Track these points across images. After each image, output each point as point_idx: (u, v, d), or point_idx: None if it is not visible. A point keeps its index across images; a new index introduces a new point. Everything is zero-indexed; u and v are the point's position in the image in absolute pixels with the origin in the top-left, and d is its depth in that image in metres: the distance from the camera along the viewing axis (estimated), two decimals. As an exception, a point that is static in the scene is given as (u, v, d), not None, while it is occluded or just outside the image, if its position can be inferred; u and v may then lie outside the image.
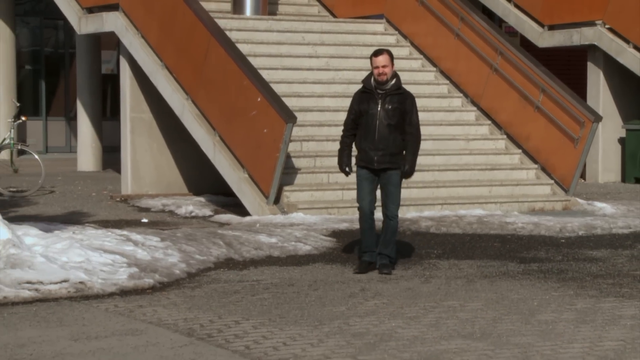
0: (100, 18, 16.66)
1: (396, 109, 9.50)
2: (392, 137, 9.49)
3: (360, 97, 9.64)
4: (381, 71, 9.49)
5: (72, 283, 8.64)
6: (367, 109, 9.50)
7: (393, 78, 9.61)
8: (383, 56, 9.54)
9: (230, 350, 6.75)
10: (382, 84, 9.53)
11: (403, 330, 7.33)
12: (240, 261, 10.30)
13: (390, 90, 9.55)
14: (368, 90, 9.61)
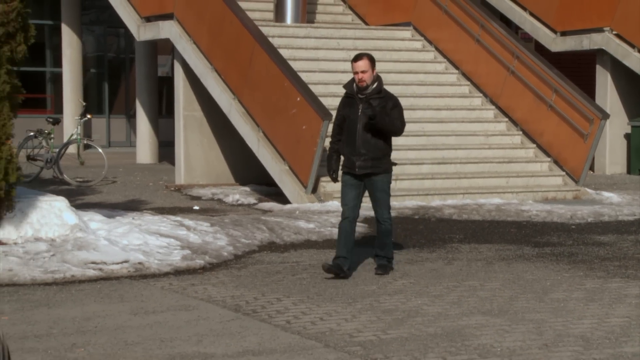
0: (156, 26, 16.72)
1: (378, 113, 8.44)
2: (374, 142, 8.48)
3: (344, 102, 8.65)
4: (360, 77, 8.43)
5: (131, 263, 8.69)
6: (349, 114, 8.51)
7: (374, 82, 8.50)
8: (362, 61, 8.46)
9: (273, 325, 6.77)
10: (363, 89, 8.46)
11: (428, 307, 7.31)
12: (282, 244, 10.32)
13: (370, 94, 8.46)
14: (350, 95, 8.58)
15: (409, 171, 14.38)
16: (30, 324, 6.69)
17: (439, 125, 15.54)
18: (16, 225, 9.27)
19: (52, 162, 16.26)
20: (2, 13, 8.98)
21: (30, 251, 8.71)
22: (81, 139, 17.25)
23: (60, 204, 9.66)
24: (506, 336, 6.44)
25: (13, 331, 6.33)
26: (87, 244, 9.02)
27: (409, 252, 9.92)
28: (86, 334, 6.44)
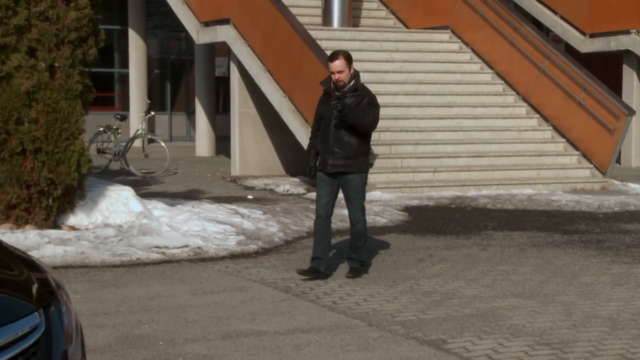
0: (214, 30, 16.80)
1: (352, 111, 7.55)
2: (347, 140, 7.55)
3: (322, 99, 7.80)
4: (337, 77, 7.53)
5: (191, 248, 8.75)
6: (325, 111, 7.65)
7: (351, 80, 7.61)
8: (339, 61, 7.54)
9: (320, 305, 6.78)
10: (340, 87, 7.57)
11: (464, 290, 7.28)
12: (329, 231, 10.32)
13: (347, 92, 7.56)
14: (327, 92, 7.72)
15: (446, 164, 14.32)
16: (100, 302, 6.77)
17: (475, 121, 15.45)
18: (87, 213, 9.38)
19: (120, 155, 16.42)
20: (76, 19, 9.08)
21: (100, 236, 8.81)
22: (146, 134, 17.40)
23: (127, 193, 9.75)
24: (537, 317, 6.40)
25: (85, 309, 6.41)
26: (151, 229, 9.10)
27: (446, 238, 9.88)
28: (150, 311, 6.50)
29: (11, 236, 8.44)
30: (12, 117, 8.87)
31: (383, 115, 14.36)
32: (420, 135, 14.73)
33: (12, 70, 8.89)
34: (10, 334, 2.93)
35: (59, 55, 9.02)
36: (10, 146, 8.88)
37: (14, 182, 8.94)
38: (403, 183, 13.64)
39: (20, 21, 8.88)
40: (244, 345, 5.71)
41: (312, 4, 17.99)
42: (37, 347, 3.00)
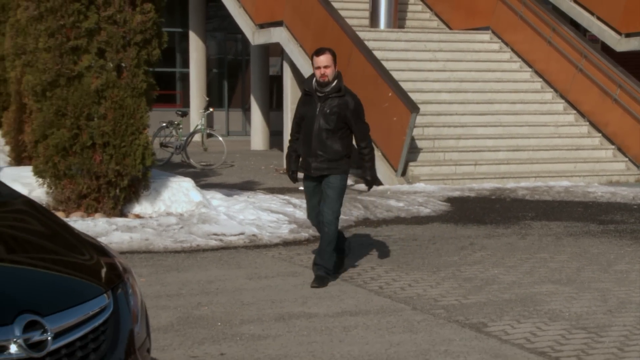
0: (268, 32, 16.84)
1: (335, 113, 6.81)
2: (330, 143, 6.83)
3: (302, 100, 7.04)
4: (323, 72, 6.79)
5: (247, 235, 8.79)
6: (307, 113, 6.91)
7: (335, 79, 6.84)
8: (325, 56, 6.84)
9: (367, 290, 6.77)
10: (323, 86, 6.82)
11: (504, 276, 7.22)
12: (375, 220, 10.30)
13: (330, 92, 6.82)
14: (308, 93, 6.95)
15: (487, 157, 14.20)
16: (163, 285, 6.83)
17: (514, 117, 15.30)
18: (151, 202, 9.47)
19: (181, 149, 16.56)
20: (141, 22, 9.16)
21: (162, 224, 8.88)
22: (205, 129, 17.53)
23: (188, 184, 9.83)
24: (574, 302, 6.32)
25: (149, 291, 6.47)
26: (209, 218, 9.15)
27: (486, 227, 9.80)
28: (209, 294, 6.55)
29: (82, 223, 8.56)
30: (83, 114, 8.98)
31: (426, 112, 14.44)
32: (462, 130, 14.63)
33: (83, 70, 9.00)
34: (81, 313, 2.97)
35: (126, 56, 9.11)
36: (82, 140, 9.00)
37: (84, 174, 9.06)
38: (445, 175, 13.57)
39: (90, 25, 8.99)
40: (296, 326, 5.72)
41: (360, 6, 17.94)
42: (105, 326, 3.04)
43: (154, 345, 4.39)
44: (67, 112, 8.98)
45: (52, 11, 8.95)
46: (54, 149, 8.98)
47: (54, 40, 8.95)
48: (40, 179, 9.20)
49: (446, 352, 5.22)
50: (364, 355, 5.15)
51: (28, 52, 9.20)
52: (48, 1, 8.95)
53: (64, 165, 9.02)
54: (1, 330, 2.71)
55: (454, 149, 14.21)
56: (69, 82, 9.01)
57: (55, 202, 9.18)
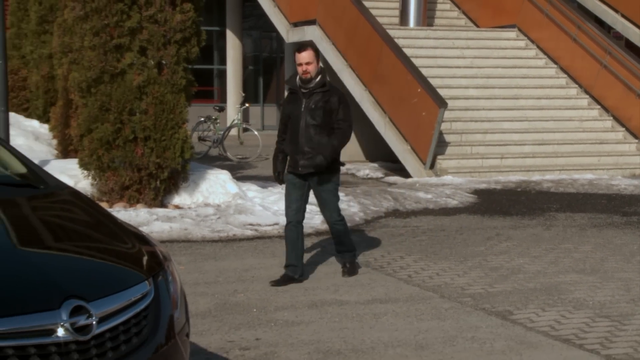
0: (302, 30, 16.83)
1: (321, 108, 6.47)
2: (318, 140, 6.47)
3: (288, 99, 6.70)
4: (305, 69, 6.44)
5: (281, 225, 8.78)
6: (293, 110, 6.54)
7: (318, 75, 6.50)
8: (307, 52, 6.48)
9: (396, 278, 6.75)
10: (307, 82, 6.47)
11: (529, 266, 7.17)
12: (404, 212, 10.28)
13: (314, 88, 6.48)
14: (293, 91, 6.62)
15: (513, 151, 14.10)
16: (201, 272, 6.87)
17: (539, 112, 15.16)
18: (190, 193, 9.52)
19: (218, 142, 16.63)
20: (180, 22, 9.20)
21: (200, 214, 8.92)
22: (241, 123, 17.57)
23: (224, 176, 9.87)
24: (597, 292, 6.26)
25: (188, 278, 6.51)
26: (245, 209, 9.18)
27: (512, 219, 9.73)
28: (245, 282, 6.57)
29: (125, 213, 8.63)
30: (125, 109, 9.05)
31: (453, 107, 14.37)
32: (489, 125, 14.53)
33: (126, 67, 9.06)
34: (124, 299, 2.99)
35: (166, 54, 9.16)
36: (124, 134, 9.06)
37: (127, 166, 9.12)
38: (472, 168, 13.49)
39: (133, 24, 9.04)
40: (328, 313, 5.73)
41: (390, 5, 17.86)
42: (147, 312, 3.06)
43: (192, 330, 4.42)
44: (110, 108, 9.04)
45: (96, 11, 9.01)
46: (98, 142, 9.06)
47: (99, 38, 9.01)
48: (85, 171, 9.28)
49: (473, 338, 5.20)
50: (393, 341, 5.14)
51: (74, 50, 9.27)
52: (93, 1, 9.01)
53: (108, 158, 9.09)
54: (49, 315, 2.74)
55: (480, 142, 14.12)
56: (112, 78, 9.08)
57: (100, 193, 9.26)
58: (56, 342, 2.72)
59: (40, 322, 2.71)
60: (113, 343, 2.87)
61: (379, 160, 15.62)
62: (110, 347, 2.85)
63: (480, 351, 4.98)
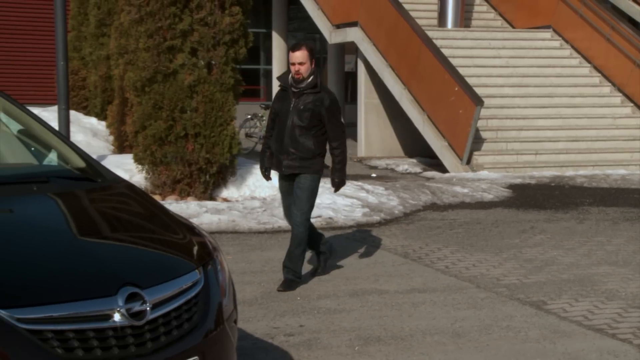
0: (344, 32, 16.80)
1: (309, 110, 5.98)
2: (303, 140, 6.01)
3: (277, 96, 6.21)
4: (297, 68, 5.95)
5: (324, 218, 8.80)
6: (281, 108, 6.08)
7: (310, 76, 6.00)
8: (300, 52, 5.96)
9: (434, 269, 6.72)
10: (298, 82, 6.00)
11: (562, 258, 7.07)
12: (441, 205, 10.21)
13: (305, 88, 5.99)
14: (284, 88, 6.12)
15: (547, 147, 13.93)
16: (248, 262, 6.89)
17: (573, 109, 14.94)
18: (237, 187, 9.56)
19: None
20: (229, 24, 9.24)
21: (247, 207, 8.96)
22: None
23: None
24: (630, 283, 6.15)
25: (235, 267, 6.54)
26: (290, 202, 9.18)
27: (546, 212, 9.61)
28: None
29: (176, 206, 8.70)
30: (177, 107, 9.12)
31: (489, 105, 14.22)
32: (524, 122, 14.37)
33: (178, 67, 9.13)
34: (176, 287, 3.02)
35: (215, 55, 9.21)
36: (176, 131, 9.14)
37: (178, 161, 9.20)
38: (508, 164, 13.35)
39: (184, 26, 9.11)
40: (369, 301, 5.72)
41: (429, 7, 17.73)
42: (197, 299, 3.08)
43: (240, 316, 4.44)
44: (163, 106, 9.12)
45: (151, 15, 9.09)
46: (151, 138, 9.14)
47: (153, 40, 9.09)
48: (139, 166, 9.38)
49: (508, 327, 5.15)
50: (431, 329, 5.11)
51: (130, 51, 9.37)
52: (148, 5, 9.09)
53: (161, 153, 9.17)
54: (106, 301, 2.77)
55: (515, 139, 13.96)
56: (165, 78, 9.15)
57: (153, 187, 9.35)
58: (113, 326, 2.75)
59: (98, 308, 2.74)
60: (165, 328, 2.89)
61: (417, 155, 15.53)
62: (162, 331, 2.88)
63: (515, 339, 4.93)
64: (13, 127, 3.96)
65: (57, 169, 3.73)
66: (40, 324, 2.62)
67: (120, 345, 2.74)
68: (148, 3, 9.09)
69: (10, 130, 3.97)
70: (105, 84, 13.64)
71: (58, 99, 10.16)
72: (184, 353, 2.89)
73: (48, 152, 3.88)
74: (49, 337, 2.62)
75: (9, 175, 3.50)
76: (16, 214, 3.15)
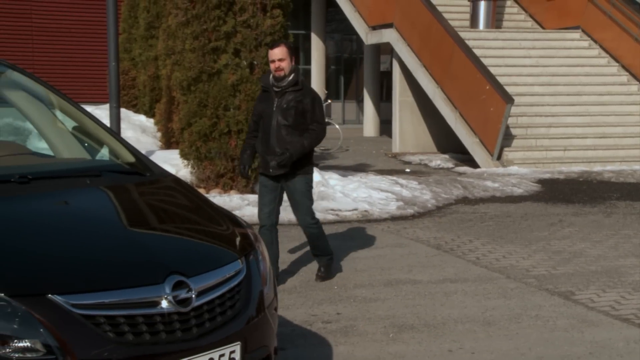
0: (380, 33, 16.73)
1: (292, 108, 5.68)
2: (290, 140, 5.66)
3: (260, 97, 5.87)
4: (277, 65, 5.66)
5: (359, 211, 8.79)
6: (265, 109, 5.75)
7: (291, 73, 5.71)
8: (279, 48, 5.72)
9: (466, 260, 6.67)
10: (279, 80, 5.69)
11: (590, 250, 6.97)
12: (473, 199, 10.13)
13: (286, 87, 5.69)
14: (266, 89, 5.80)
15: (575, 143, 13.73)
16: (287, 253, 6.89)
17: (601, 107, 14.71)
18: (278, 181, 9.56)
19: (303, 135, 16.66)
20: (270, 26, 9.25)
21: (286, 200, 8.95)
22: (324, 118, 17.56)
23: (309, 166, 9.88)
24: (656, 276, 6.04)
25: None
26: (327, 195, 9.19)
27: (574, 206, 9.47)
28: (327, 261, 6.56)
29: (219, 199, 8.75)
30: (221, 105, 9.16)
31: (519, 103, 14.05)
32: (553, 119, 14.18)
33: (222, 67, 9.17)
34: (220, 276, 3.03)
35: (257, 55, 9.23)
36: (220, 128, 9.18)
37: (222, 156, 9.24)
38: (537, 160, 13.19)
39: (228, 29, 9.14)
40: (402, 291, 5.69)
41: (461, 9, 17.58)
42: (240, 287, 3.09)
43: (280, 304, 4.45)
44: (208, 104, 9.17)
45: (196, 17, 9.14)
46: (196, 135, 9.20)
47: (198, 42, 9.14)
48: (185, 161, 9.45)
49: (537, 316, 5.09)
50: (462, 317, 5.07)
51: (176, 52, 9.43)
52: (194, 9, 9.14)
53: (205, 149, 9.22)
54: (154, 289, 2.79)
55: (545, 136, 13.79)
56: (209, 78, 9.20)
57: (198, 180, 9.41)
58: (160, 312, 2.77)
59: (146, 295, 2.76)
60: (210, 315, 2.91)
61: (450, 151, 15.42)
62: (207, 318, 2.89)
63: (543, 328, 4.87)
64: (68, 124, 4.01)
65: (109, 163, 3.76)
66: (93, 309, 2.65)
67: (167, 331, 2.76)
68: (194, 6, 9.14)
69: (65, 127, 4.02)
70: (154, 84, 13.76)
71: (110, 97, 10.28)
72: (227, 338, 2.90)
73: (100, 148, 3.92)
74: (102, 322, 2.65)
75: (65, 169, 3.54)
76: (71, 205, 3.18)
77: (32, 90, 4.01)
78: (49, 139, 4.01)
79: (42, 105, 4.05)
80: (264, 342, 3.14)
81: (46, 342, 2.53)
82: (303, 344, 4.60)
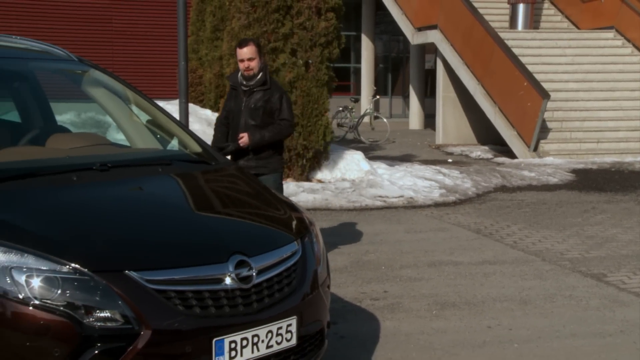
0: (425, 34, 16.56)
1: (260, 108, 5.21)
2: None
3: (228, 95, 5.39)
4: (247, 65, 5.14)
5: (405, 198, 8.74)
6: (233, 108, 5.28)
7: (260, 72, 5.19)
8: (248, 48, 5.12)
9: (504, 244, 6.57)
10: (248, 79, 5.19)
11: (622, 235, 6.80)
12: (510, 187, 9.97)
13: (254, 86, 5.20)
14: (234, 87, 5.31)
15: (608, 136, 13.39)
16: (339, 236, 6.91)
17: (633, 102, 14.29)
18: (330, 170, 9.58)
19: (353, 128, 16.63)
20: (324, 28, 9.23)
21: (339, 187, 8.98)
22: (372, 112, 17.50)
23: (358, 156, 9.87)
24: (685, 261, 5.86)
25: (328, 240, 6.56)
26: (375, 183, 9.17)
27: (606, 194, 9.24)
28: (375, 244, 6.56)
29: (277, 185, 8.78)
30: (279, 100, 9.17)
31: (555, 99, 13.76)
32: (587, 114, 13.85)
33: (280, 66, 9.19)
34: (278, 256, 3.04)
35: (312, 55, 9.22)
36: (277, 121, 9.20)
37: (279, 147, 9.26)
38: (571, 151, 12.91)
39: (286, 30, 9.15)
40: (445, 271, 5.64)
41: (501, 11, 17.27)
42: (296, 267, 3.10)
43: (332, 282, 4.45)
44: (267, 99, 9.19)
45: (257, 20, 9.17)
46: (257, 127, 9.24)
47: (258, 43, 9.17)
48: (247, 151, 9.49)
49: (570, 296, 4.99)
50: (500, 296, 5.00)
51: (239, 53, 9.47)
52: (255, 13, 9.18)
53: (265, 140, 9.25)
54: (219, 267, 2.82)
55: (579, 129, 13.48)
56: (269, 76, 9.22)
57: (258, 169, 9.45)
58: (224, 288, 2.79)
59: (212, 272, 2.79)
60: (269, 291, 2.92)
61: (489, 143, 15.20)
62: (266, 294, 2.91)
63: (577, 307, 4.77)
64: (143, 117, 4.07)
65: (178, 153, 3.80)
66: (164, 284, 2.69)
67: (230, 305, 2.78)
68: (255, 11, 9.17)
69: (140, 120, 4.08)
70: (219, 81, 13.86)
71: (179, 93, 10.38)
72: (284, 313, 2.91)
73: (171, 139, 3.97)
74: (172, 296, 2.68)
75: (139, 158, 3.60)
76: (145, 191, 3.23)
77: (112, 87, 4.08)
78: (125, 131, 4.08)
79: (120, 100, 4.12)
80: (318, 316, 3.15)
81: (124, 312, 2.58)
82: (353, 319, 4.60)
